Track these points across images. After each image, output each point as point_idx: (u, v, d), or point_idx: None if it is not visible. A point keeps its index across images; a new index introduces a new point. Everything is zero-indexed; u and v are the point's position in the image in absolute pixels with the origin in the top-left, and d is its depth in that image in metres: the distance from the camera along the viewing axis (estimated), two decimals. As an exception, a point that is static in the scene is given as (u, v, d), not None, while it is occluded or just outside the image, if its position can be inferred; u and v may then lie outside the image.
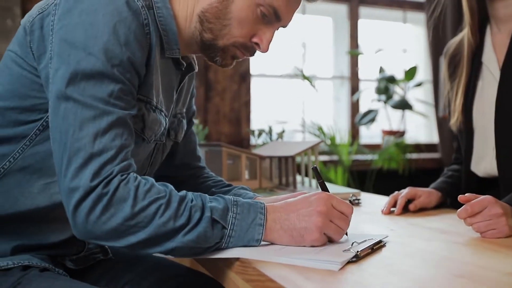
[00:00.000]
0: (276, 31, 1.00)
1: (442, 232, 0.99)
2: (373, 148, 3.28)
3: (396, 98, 3.24)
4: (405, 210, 1.22)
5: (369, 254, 0.81)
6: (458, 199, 0.97)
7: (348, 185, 2.86)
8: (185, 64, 1.01)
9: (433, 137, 3.58)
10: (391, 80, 3.19)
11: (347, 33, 3.43)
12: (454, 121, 1.35)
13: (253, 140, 2.08)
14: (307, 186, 1.53)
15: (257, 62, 3.22)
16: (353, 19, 3.42)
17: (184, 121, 1.13)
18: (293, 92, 3.35)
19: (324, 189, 0.93)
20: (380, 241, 0.87)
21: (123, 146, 0.80)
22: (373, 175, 2.97)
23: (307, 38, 3.40)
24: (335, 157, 2.89)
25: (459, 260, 0.79)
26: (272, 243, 0.85)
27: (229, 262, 0.82)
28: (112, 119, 0.79)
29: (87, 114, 0.78)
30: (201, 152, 1.27)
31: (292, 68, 3.10)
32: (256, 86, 3.22)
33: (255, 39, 0.96)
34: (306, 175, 1.56)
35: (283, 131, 1.74)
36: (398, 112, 3.30)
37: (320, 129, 2.80)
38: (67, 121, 0.78)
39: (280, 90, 3.38)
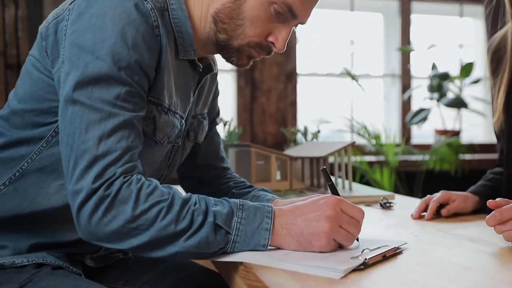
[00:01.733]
0: (294, 28, 0.97)
1: (470, 240, 0.92)
2: (423, 148, 3.15)
3: (450, 96, 3.09)
4: (438, 215, 1.15)
5: (379, 262, 0.77)
6: (488, 204, 0.90)
7: (395, 187, 2.76)
8: (201, 66, 1.00)
9: (492, 137, 3.39)
10: (444, 77, 3.04)
11: (398, 29, 3.31)
12: (496, 120, 1.26)
13: (300, 140, 2.04)
14: (340, 188, 1.49)
15: (304, 61, 3.18)
16: (405, 14, 3.30)
17: (205, 122, 1.12)
18: (341, 91, 3.28)
19: (334, 192, 0.88)
20: (396, 248, 0.82)
21: (129, 148, 0.80)
22: (422, 177, 2.85)
23: (356, 36, 3.32)
24: (382, 158, 2.80)
25: (481, 272, 0.72)
26: (279, 248, 0.82)
27: (235, 265, 0.80)
28: (118, 121, 0.79)
29: (93, 117, 0.79)
30: (225, 152, 1.25)
31: (340, 66, 3.03)
32: (303, 85, 3.18)
33: (270, 38, 0.93)
34: (339, 176, 1.51)
35: (318, 132, 1.70)
36: (454, 111, 3.15)
37: (364, 128, 2.72)
38: (74, 124, 0.79)
39: (328, 89, 3.32)
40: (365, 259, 0.74)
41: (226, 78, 3.08)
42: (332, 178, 1.60)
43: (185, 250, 0.77)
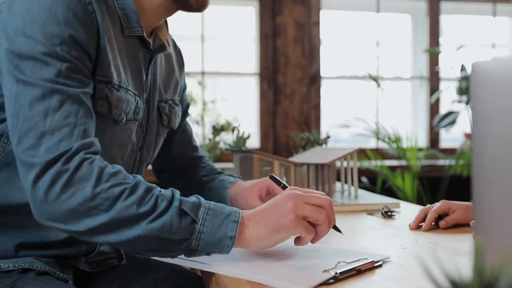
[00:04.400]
0: None
1: (460, 254, 0.88)
2: (450, 152, 3.05)
3: (480, 98, 2.98)
4: (438, 226, 1.11)
5: (352, 276, 0.74)
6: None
7: (418, 193, 2.68)
8: (151, 43, 1.01)
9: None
10: (474, 79, 2.94)
11: (426, 30, 3.23)
12: None
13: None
14: (346, 195, 1.46)
15: (329, 64, 3.14)
16: (433, 15, 3.22)
17: (178, 109, 1.15)
18: (367, 94, 3.22)
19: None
20: (373, 262, 0.79)
21: (79, 123, 0.80)
22: (447, 183, 2.76)
23: (383, 37, 3.25)
24: (404, 162, 2.73)
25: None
26: (255, 256, 0.81)
27: (210, 275, 0.80)
28: (62, 98, 0.79)
29: (35, 94, 0.79)
30: (198, 142, 1.31)
31: (366, 69, 2.98)
32: (328, 88, 3.14)
33: None
34: (346, 182, 1.48)
35: (328, 137, 1.67)
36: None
37: (376, 131, 2.65)
38: (17, 104, 0.80)
39: (353, 92, 3.27)
40: (336, 273, 0.72)
41: (249, 81, 3.08)
42: (338, 183, 1.58)
43: (147, 234, 0.75)
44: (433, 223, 1.10)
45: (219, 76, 3.16)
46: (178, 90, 1.16)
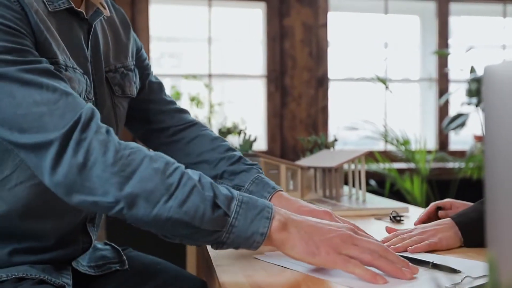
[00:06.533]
0: None
1: (428, 269, 0.86)
2: (459, 155, 3.02)
3: (490, 100, 2.94)
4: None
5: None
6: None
7: (427, 196, 2.65)
8: (83, 12, 0.94)
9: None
10: (484, 81, 2.90)
11: (435, 32, 3.20)
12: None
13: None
14: (354, 199, 1.44)
15: (337, 66, 3.12)
16: (442, 16, 3.18)
17: (132, 74, 1.07)
18: (375, 96, 3.20)
19: None
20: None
21: (69, 92, 0.77)
22: (456, 186, 2.72)
23: (391, 39, 3.23)
24: (413, 165, 2.70)
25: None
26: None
27: (215, 280, 0.78)
28: (38, 75, 0.76)
29: (9, 85, 0.75)
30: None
31: (374, 71, 2.96)
32: (336, 91, 3.12)
33: None
34: (353, 186, 1.46)
35: (335, 140, 1.65)
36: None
37: (384, 134, 2.63)
38: None
39: (361, 94, 3.24)
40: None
41: (256, 83, 3.07)
42: (346, 187, 1.56)
43: (177, 218, 0.71)
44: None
45: (226, 79, 3.15)
46: (129, 53, 1.08)
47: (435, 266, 0.76)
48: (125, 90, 1.05)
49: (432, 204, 1.13)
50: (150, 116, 1.13)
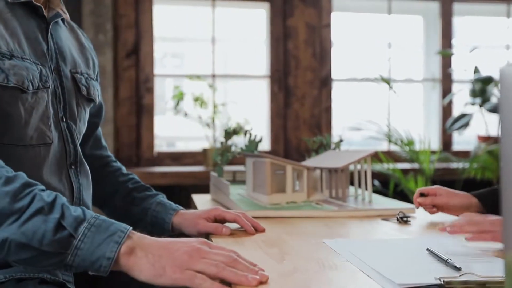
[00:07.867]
0: None
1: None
2: (463, 155, 3.02)
3: (494, 100, 2.94)
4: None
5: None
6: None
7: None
8: (42, 7, 1.01)
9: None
10: (488, 81, 2.90)
11: (439, 32, 3.19)
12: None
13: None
14: (360, 200, 1.43)
15: (341, 66, 3.12)
16: (446, 16, 3.18)
17: (95, 83, 1.16)
18: (379, 96, 3.19)
19: None
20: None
21: None
22: (460, 186, 2.72)
23: (394, 39, 3.22)
24: (417, 165, 2.69)
25: None
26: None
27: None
28: None
29: None
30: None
31: (378, 71, 2.95)
32: (339, 91, 3.12)
33: None
34: (359, 186, 1.46)
35: (341, 141, 1.65)
36: (497, 117, 3.00)
37: (388, 134, 2.62)
38: None
39: (365, 94, 3.24)
40: (441, 280, 0.65)
41: (260, 84, 3.07)
42: (352, 188, 1.55)
43: (16, 238, 0.71)
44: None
45: (229, 79, 3.14)
46: (91, 66, 1.17)
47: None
48: (90, 91, 1.12)
49: (418, 190, 1.21)
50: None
